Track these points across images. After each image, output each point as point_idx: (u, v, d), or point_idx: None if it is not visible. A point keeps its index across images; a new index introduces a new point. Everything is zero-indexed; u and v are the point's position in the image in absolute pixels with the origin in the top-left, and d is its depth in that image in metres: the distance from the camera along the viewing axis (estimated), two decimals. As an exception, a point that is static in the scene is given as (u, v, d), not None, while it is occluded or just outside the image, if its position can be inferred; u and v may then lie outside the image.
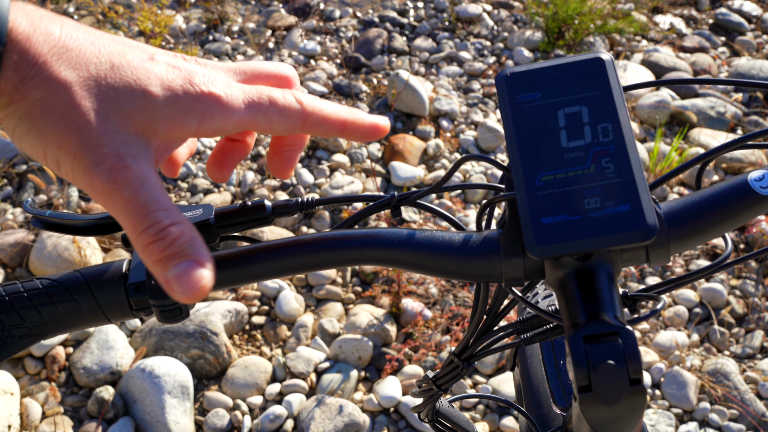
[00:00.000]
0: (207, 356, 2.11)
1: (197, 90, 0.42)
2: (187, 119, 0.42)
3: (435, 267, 0.51)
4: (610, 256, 0.48)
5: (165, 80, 0.42)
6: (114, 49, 0.42)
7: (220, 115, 0.43)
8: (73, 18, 3.60)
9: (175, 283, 0.40)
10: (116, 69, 0.41)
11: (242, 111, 0.43)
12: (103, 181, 0.39)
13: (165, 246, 0.40)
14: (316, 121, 0.46)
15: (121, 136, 0.40)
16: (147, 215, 0.40)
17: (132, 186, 0.40)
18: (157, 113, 0.41)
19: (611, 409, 0.43)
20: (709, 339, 2.25)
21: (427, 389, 0.68)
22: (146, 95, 0.41)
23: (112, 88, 0.40)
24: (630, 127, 0.48)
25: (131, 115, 0.40)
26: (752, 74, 3.33)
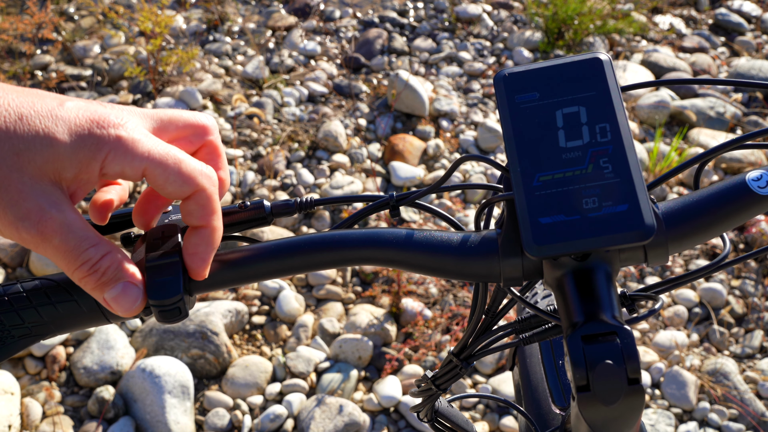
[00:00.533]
0: (207, 356, 2.11)
1: (104, 132, 0.43)
2: (91, 163, 0.43)
3: (434, 267, 0.51)
4: (608, 256, 0.48)
5: (73, 125, 0.43)
6: (22, 101, 0.43)
7: (122, 160, 0.44)
8: (74, 19, 3.61)
9: (114, 303, 0.45)
10: (25, 120, 0.42)
11: (144, 160, 0.44)
12: (32, 235, 0.42)
13: (99, 276, 0.45)
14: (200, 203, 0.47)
15: (39, 188, 0.42)
16: (79, 255, 0.44)
17: (60, 234, 0.42)
18: (65, 161, 0.42)
19: (610, 409, 0.43)
20: (709, 339, 2.26)
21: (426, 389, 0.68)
22: (54, 143, 0.42)
23: (23, 140, 0.41)
24: (628, 128, 0.48)
25: (43, 165, 0.42)
26: (752, 74, 3.33)
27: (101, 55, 3.36)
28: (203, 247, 0.48)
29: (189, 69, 3.20)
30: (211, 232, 0.49)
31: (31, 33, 3.37)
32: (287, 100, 3.14)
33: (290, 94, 3.17)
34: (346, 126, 3.02)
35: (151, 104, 3.03)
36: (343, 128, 2.97)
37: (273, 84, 3.24)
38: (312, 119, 3.05)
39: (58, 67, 3.27)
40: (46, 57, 3.31)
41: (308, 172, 2.79)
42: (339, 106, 3.16)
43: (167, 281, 0.48)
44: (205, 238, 0.48)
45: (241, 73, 3.31)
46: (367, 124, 3.05)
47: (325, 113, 3.07)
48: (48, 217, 0.42)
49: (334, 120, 3.00)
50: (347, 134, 2.98)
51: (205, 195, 0.47)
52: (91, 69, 3.27)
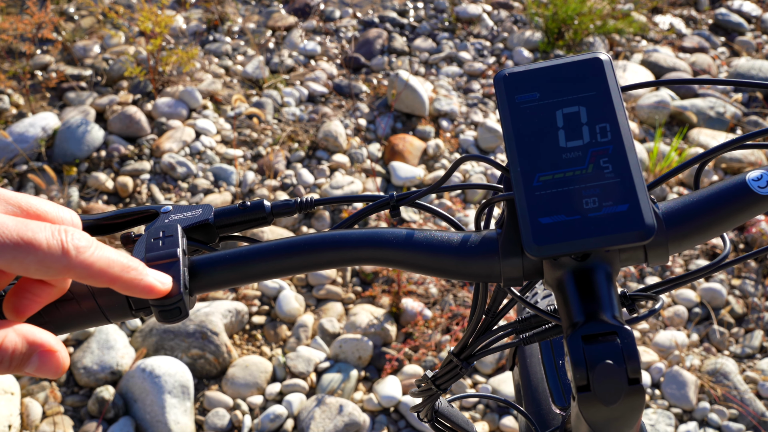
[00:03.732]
0: (207, 356, 2.11)
1: None
2: None
3: (434, 267, 0.51)
4: (608, 256, 0.48)
5: None
6: None
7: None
8: (74, 19, 3.61)
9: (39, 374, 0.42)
10: None
11: None
12: None
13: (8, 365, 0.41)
14: (82, 274, 0.42)
15: None
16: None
17: None
18: None
19: (610, 409, 0.43)
20: (709, 339, 2.26)
21: (426, 389, 0.68)
22: None
23: None
24: (628, 128, 0.48)
25: None
26: (752, 74, 3.33)
27: (101, 55, 3.36)
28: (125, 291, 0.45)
29: (189, 69, 3.20)
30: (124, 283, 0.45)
31: (31, 33, 3.37)
32: (287, 100, 3.14)
33: (290, 94, 3.17)
34: (346, 126, 3.02)
35: (151, 104, 3.03)
36: (343, 128, 2.97)
37: (273, 84, 3.24)
38: (312, 119, 3.05)
39: (58, 67, 3.27)
40: (46, 57, 3.31)
41: (308, 172, 2.78)
42: (339, 106, 3.16)
43: (167, 281, 0.48)
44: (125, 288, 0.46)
45: (241, 73, 3.31)
46: (367, 124, 3.05)
47: (325, 113, 3.07)
48: None
49: (334, 120, 3.00)
50: (347, 134, 2.98)
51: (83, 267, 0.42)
52: (91, 69, 3.27)
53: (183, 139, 2.85)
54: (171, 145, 2.81)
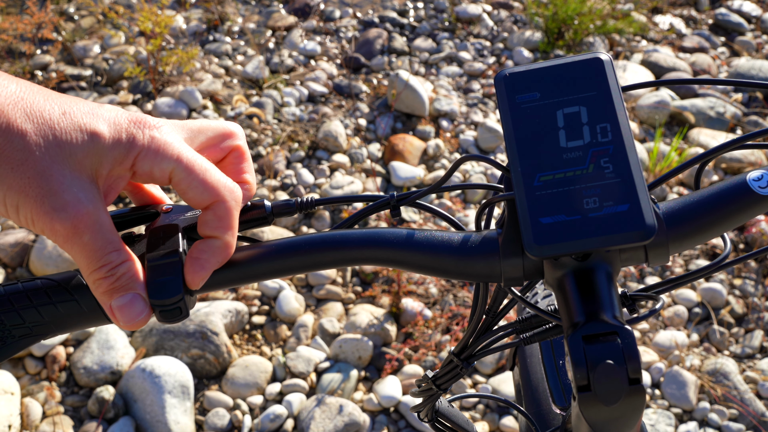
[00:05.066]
0: (207, 356, 2.11)
1: (139, 132, 0.44)
2: (125, 159, 0.44)
3: (434, 267, 0.51)
4: (608, 256, 0.48)
5: (113, 122, 0.44)
6: (65, 100, 0.44)
7: (152, 159, 0.45)
8: (74, 19, 3.61)
9: (118, 312, 0.46)
10: (67, 114, 0.43)
11: (173, 162, 0.45)
12: (66, 227, 0.42)
13: (113, 281, 0.45)
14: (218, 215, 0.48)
15: (78, 182, 0.42)
16: (102, 256, 0.44)
17: (91, 230, 0.43)
18: (102, 156, 0.43)
19: (610, 409, 0.43)
20: (709, 339, 2.26)
21: (426, 389, 0.68)
22: (94, 138, 0.43)
23: (65, 132, 0.42)
24: (629, 128, 0.48)
25: (83, 160, 0.43)
26: (752, 74, 3.33)
27: (101, 55, 3.36)
28: (207, 255, 0.48)
29: (189, 69, 3.20)
30: (221, 245, 0.48)
31: (31, 33, 3.37)
32: (287, 100, 3.14)
33: (290, 94, 3.17)
34: (346, 126, 3.02)
35: (151, 104, 3.03)
36: (343, 128, 2.97)
37: (273, 84, 3.24)
38: (312, 119, 3.05)
39: (58, 67, 3.27)
40: (46, 57, 3.31)
41: (308, 172, 2.79)
42: (339, 106, 3.16)
43: (168, 281, 0.49)
44: (213, 249, 0.48)
45: (241, 73, 3.31)
46: (367, 124, 3.05)
47: (325, 113, 3.07)
48: (84, 211, 0.42)
49: (334, 120, 3.00)
50: (347, 134, 2.98)
51: (224, 207, 0.47)
52: (91, 69, 3.27)
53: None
54: (171, 145, 2.81)
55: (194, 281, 0.48)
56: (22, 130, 0.41)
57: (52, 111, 0.43)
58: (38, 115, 0.42)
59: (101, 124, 0.43)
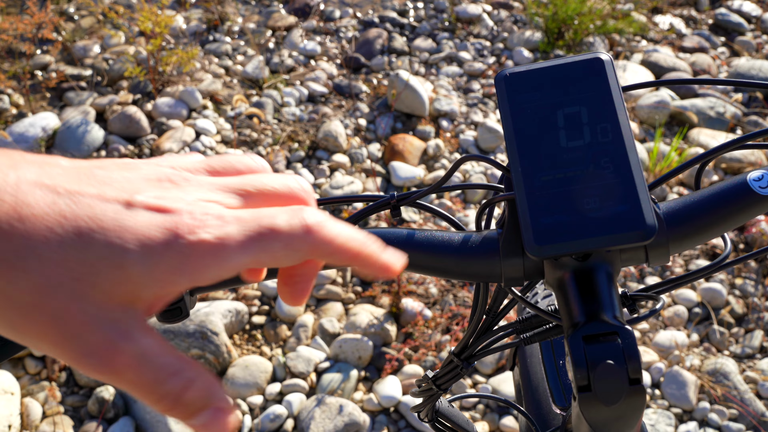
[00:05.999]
0: (207, 356, 2.11)
1: (184, 242, 0.35)
2: (176, 279, 0.36)
3: (434, 267, 0.51)
4: (609, 256, 0.48)
5: (144, 238, 0.35)
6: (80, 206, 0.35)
7: (214, 266, 0.36)
8: (74, 19, 3.61)
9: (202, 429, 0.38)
10: (84, 236, 0.34)
11: (240, 254, 0.37)
12: (101, 371, 0.35)
13: (184, 409, 0.37)
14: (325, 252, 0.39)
15: (105, 315, 0.35)
16: (157, 389, 0.36)
17: (133, 368, 0.36)
18: (139, 282, 0.35)
19: (611, 409, 0.43)
20: (709, 339, 2.26)
21: (426, 389, 0.68)
22: (122, 265, 0.34)
23: (83, 263, 0.34)
24: (629, 128, 0.48)
25: (111, 290, 0.35)
26: (752, 74, 3.33)
27: (101, 55, 3.36)
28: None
29: (189, 69, 3.20)
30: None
31: (31, 33, 3.37)
32: (287, 100, 3.14)
33: (290, 94, 3.17)
34: (346, 126, 3.02)
35: (151, 104, 3.03)
36: (343, 128, 2.97)
37: (273, 84, 3.24)
38: (312, 119, 3.05)
39: (58, 67, 3.27)
40: (46, 57, 3.31)
41: (308, 172, 2.79)
42: (339, 106, 3.16)
43: (168, 281, 0.48)
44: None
45: (241, 73, 3.31)
46: (367, 124, 3.05)
47: (325, 113, 3.07)
48: (116, 349, 0.35)
49: (334, 120, 3.00)
50: (347, 134, 2.98)
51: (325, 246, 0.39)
52: (91, 69, 3.27)
53: (183, 139, 2.86)
54: (171, 145, 2.82)
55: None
56: (25, 269, 0.33)
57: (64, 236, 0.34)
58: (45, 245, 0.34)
59: (131, 245, 0.35)
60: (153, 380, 0.36)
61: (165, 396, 0.36)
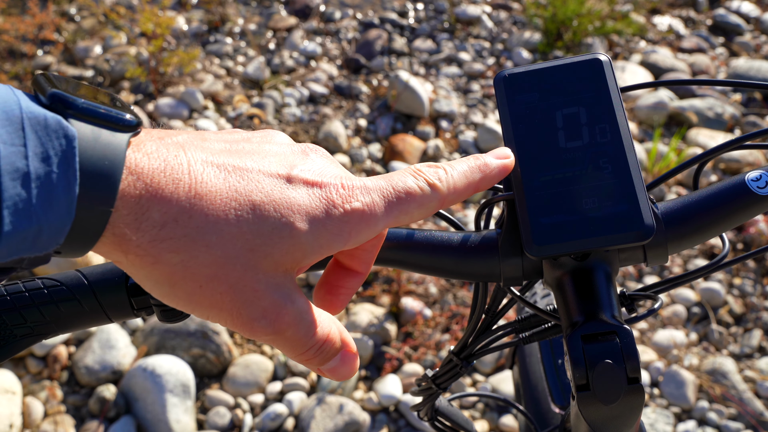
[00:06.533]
0: (208, 355, 2.12)
1: (340, 211, 0.40)
2: (333, 244, 0.40)
3: (434, 266, 0.51)
4: (607, 256, 0.48)
5: (308, 211, 0.39)
6: (249, 182, 0.38)
7: (365, 230, 0.41)
8: (75, 20, 3.61)
9: (329, 373, 0.44)
10: (258, 211, 0.37)
11: (385, 218, 0.42)
12: (267, 332, 0.39)
13: (320, 358, 0.42)
14: (453, 199, 0.45)
15: (274, 282, 0.38)
16: (306, 343, 0.41)
17: (293, 326, 0.40)
18: (305, 250, 0.39)
19: (609, 408, 0.44)
20: (708, 338, 2.26)
21: (426, 388, 0.68)
22: (293, 235, 0.38)
23: (259, 235, 0.37)
24: (627, 128, 0.48)
25: (281, 258, 0.38)
26: (750, 75, 3.33)
27: (102, 56, 3.37)
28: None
29: (190, 70, 3.20)
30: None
31: (33, 34, 3.37)
32: (288, 101, 3.14)
33: (291, 95, 3.17)
34: (347, 126, 3.02)
35: (152, 105, 3.03)
36: (344, 129, 2.97)
37: (274, 85, 3.24)
38: (312, 120, 3.05)
39: (59, 67, 3.27)
40: (48, 58, 3.31)
41: (308, 173, 2.79)
42: (339, 106, 3.16)
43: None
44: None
45: (242, 73, 3.31)
46: (367, 124, 3.05)
47: (325, 114, 3.07)
48: (284, 312, 0.39)
49: (335, 120, 3.01)
50: (347, 135, 2.98)
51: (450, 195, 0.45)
52: (92, 70, 3.27)
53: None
54: (171, 146, 2.82)
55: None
56: (206, 244, 0.36)
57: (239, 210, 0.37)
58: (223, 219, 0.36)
59: (298, 217, 0.38)
60: (304, 335, 0.41)
61: (311, 348, 0.41)
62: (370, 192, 0.41)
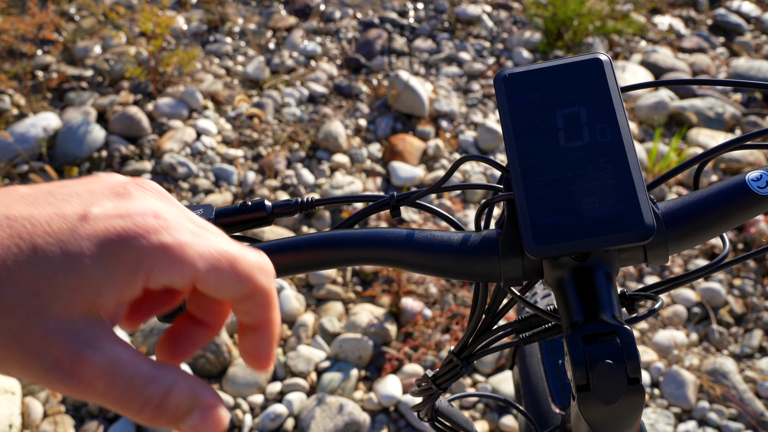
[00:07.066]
0: (208, 355, 2.12)
1: (141, 243, 0.35)
2: (132, 281, 0.35)
3: (434, 267, 0.51)
4: (608, 256, 0.48)
5: (102, 241, 0.35)
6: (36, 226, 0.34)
7: (168, 271, 0.36)
8: (75, 20, 3.61)
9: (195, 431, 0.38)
10: (41, 252, 0.34)
11: (196, 268, 0.36)
12: (68, 385, 0.34)
13: (170, 415, 0.36)
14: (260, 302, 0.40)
15: (66, 327, 0.34)
16: (134, 399, 0.35)
17: (103, 378, 0.34)
18: (99, 286, 0.34)
19: (609, 408, 0.43)
20: (708, 338, 2.26)
21: (426, 388, 0.68)
22: (80, 270, 0.34)
23: (42, 277, 0.33)
24: (628, 128, 0.48)
25: (71, 298, 0.34)
26: (751, 75, 3.33)
27: (102, 56, 3.37)
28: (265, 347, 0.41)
29: (190, 69, 3.20)
30: (272, 328, 0.41)
31: (32, 33, 3.37)
32: (288, 101, 3.14)
33: (291, 95, 3.17)
34: (347, 126, 3.02)
35: (152, 104, 3.03)
36: (344, 128, 2.97)
37: (273, 84, 3.24)
38: (312, 119, 3.05)
39: (59, 67, 3.27)
40: (47, 57, 3.31)
41: (309, 172, 2.79)
42: (339, 106, 3.16)
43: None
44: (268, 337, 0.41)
45: (242, 73, 3.31)
46: (367, 124, 3.05)
47: (325, 114, 3.07)
48: (82, 360, 0.34)
49: (335, 120, 3.01)
50: (347, 134, 2.98)
51: (264, 293, 0.39)
52: (92, 69, 3.27)
53: (184, 139, 2.86)
54: (172, 146, 2.82)
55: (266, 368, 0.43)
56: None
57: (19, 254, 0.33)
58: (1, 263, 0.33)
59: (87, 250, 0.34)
60: (129, 389, 0.35)
61: (146, 404, 0.35)
62: (194, 233, 0.37)
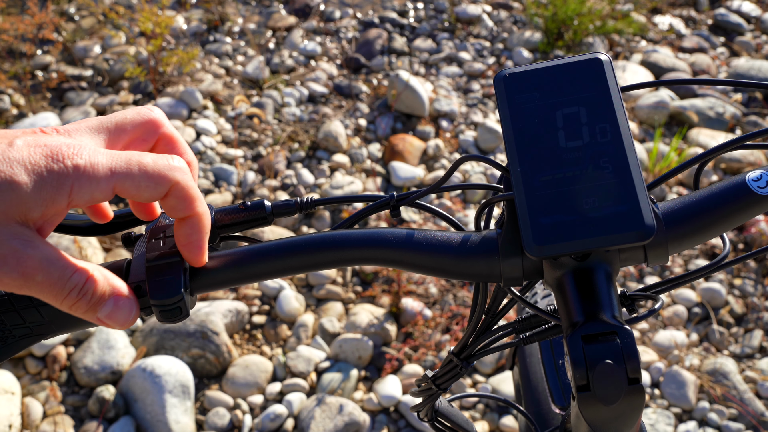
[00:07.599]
0: (208, 356, 2.12)
1: (62, 166, 0.43)
2: (57, 198, 0.43)
3: (434, 267, 0.51)
4: (608, 256, 0.48)
5: (29, 164, 0.42)
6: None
7: (87, 187, 0.43)
8: (75, 19, 3.61)
9: (108, 320, 0.46)
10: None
11: (109, 179, 0.44)
12: (14, 277, 0.42)
13: (88, 300, 0.45)
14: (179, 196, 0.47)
15: (8, 231, 0.42)
16: (64, 285, 0.44)
17: (41, 269, 0.43)
18: (29, 202, 0.42)
19: (610, 409, 0.43)
20: (708, 338, 2.26)
21: (426, 388, 0.68)
22: (14, 187, 0.42)
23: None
24: (628, 128, 0.48)
25: (7, 210, 0.42)
26: (751, 74, 3.33)
27: (102, 56, 3.36)
28: (195, 236, 0.49)
29: (189, 69, 3.20)
30: (198, 219, 0.49)
31: (32, 33, 3.37)
32: (287, 101, 3.14)
33: (290, 95, 3.17)
34: (347, 126, 3.02)
35: (152, 104, 3.03)
36: (344, 128, 2.97)
37: (273, 84, 3.24)
38: (312, 119, 3.05)
39: (58, 67, 3.27)
40: (47, 57, 3.31)
41: (308, 172, 2.79)
42: (339, 106, 3.16)
43: (168, 281, 0.49)
44: (194, 226, 0.49)
45: (242, 73, 3.31)
46: (367, 124, 3.05)
47: (325, 113, 3.07)
48: (26, 256, 0.42)
49: (335, 120, 3.00)
50: (347, 134, 2.98)
51: (180, 187, 0.47)
52: (91, 69, 3.27)
53: (183, 139, 2.86)
54: (171, 145, 2.82)
55: (199, 261, 0.50)
56: None
57: None
58: None
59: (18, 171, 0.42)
60: (59, 278, 0.44)
61: (71, 290, 0.44)
62: (98, 154, 0.44)
